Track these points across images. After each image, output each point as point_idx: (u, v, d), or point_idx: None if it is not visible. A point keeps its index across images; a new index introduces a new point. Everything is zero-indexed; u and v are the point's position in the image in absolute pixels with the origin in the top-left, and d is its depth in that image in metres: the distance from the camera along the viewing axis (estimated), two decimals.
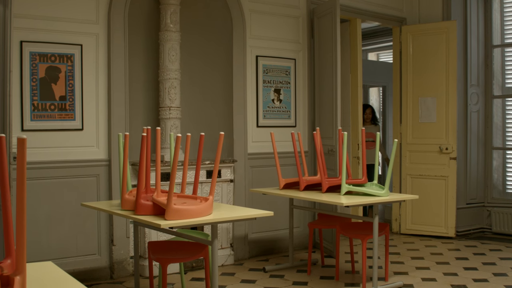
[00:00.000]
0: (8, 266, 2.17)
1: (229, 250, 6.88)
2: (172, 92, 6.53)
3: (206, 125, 6.92)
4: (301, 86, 7.64)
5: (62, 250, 5.96)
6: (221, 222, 4.51)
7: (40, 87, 5.85)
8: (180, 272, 5.59)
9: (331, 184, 5.86)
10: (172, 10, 6.54)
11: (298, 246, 7.46)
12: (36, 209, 5.75)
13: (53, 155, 5.92)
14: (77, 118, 6.05)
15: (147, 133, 4.45)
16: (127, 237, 6.27)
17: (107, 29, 6.22)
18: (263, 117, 7.29)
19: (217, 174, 4.55)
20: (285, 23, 7.52)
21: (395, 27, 8.72)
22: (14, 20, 5.30)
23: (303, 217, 7.58)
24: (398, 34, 8.68)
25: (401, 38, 8.62)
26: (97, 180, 6.15)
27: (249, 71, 7.19)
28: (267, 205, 6.81)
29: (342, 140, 5.74)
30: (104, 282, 6.08)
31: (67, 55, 6.01)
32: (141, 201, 4.30)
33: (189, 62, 6.99)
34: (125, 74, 6.27)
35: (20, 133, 5.68)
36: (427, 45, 8.38)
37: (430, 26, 8.39)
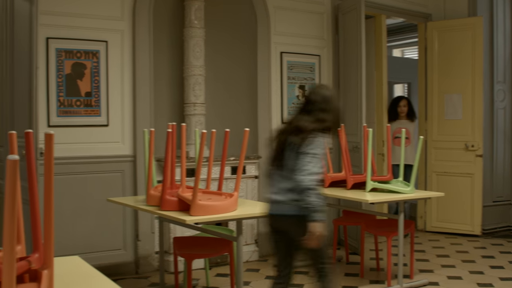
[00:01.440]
0: (35, 260, 2.19)
1: (254, 246, 6.87)
2: (196, 89, 6.54)
3: (230, 121, 6.91)
4: (326, 82, 7.60)
5: (87, 244, 6.00)
6: (246, 218, 4.51)
7: (66, 83, 5.89)
8: (205, 267, 5.61)
9: (356, 181, 5.84)
10: (197, 7, 6.55)
11: None
12: (62, 204, 5.78)
13: (79, 150, 5.96)
14: (103, 114, 6.08)
15: (172, 129, 4.46)
16: (152, 232, 6.30)
17: (132, 25, 6.24)
18: (288, 114, 7.27)
19: (242, 171, 4.54)
20: (310, 19, 7.49)
21: (420, 23, 8.65)
22: (40, 17, 5.32)
23: (327, 214, 7.52)
24: (423, 31, 8.61)
25: (426, 34, 8.55)
26: (122, 176, 6.18)
27: (274, 68, 7.17)
28: None
29: (367, 136, 5.71)
30: (129, 277, 6.11)
31: (93, 52, 6.04)
32: (167, 197, 4.31)
33: (214, 58, 6.99)
34: (150, 70, 6.29)
35: (47, 129, 5.72)
36: (453, 41, 8.31)
37: (456, 22, 8.31)
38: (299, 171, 3.58)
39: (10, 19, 5.48)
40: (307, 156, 3.60)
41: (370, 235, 7.70)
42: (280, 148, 3.83)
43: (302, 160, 3.58)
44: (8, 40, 5.51)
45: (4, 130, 5.53)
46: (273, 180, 3.85)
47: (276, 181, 3.81)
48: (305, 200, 3.53)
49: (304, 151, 3.62)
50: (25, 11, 5.20)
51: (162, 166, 6.00)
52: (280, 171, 3.77)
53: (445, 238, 8.07)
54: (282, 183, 3.75)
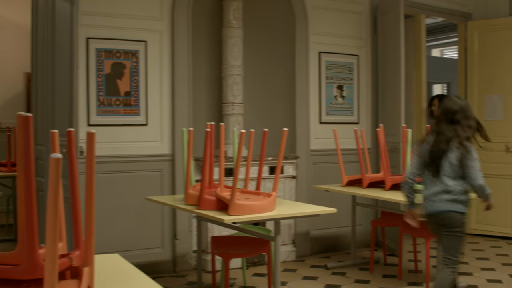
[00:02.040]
0: (77, 257, 2.21)
1: (291, 246, 6.86)
2: (235, 88, 6.55)
3: (268, 121, 6.91)
4: (364, 83, 7.57)
5: (126, 242, 6.06)
6: (285, 218, 4.51)
7: (106, 82, 5.95)
8: (242, 267, 5.62)
9: (394, 182, 5.79)
10: (235, 7, 6.56)
11: (360, 244, 7.39)
12: (101, 202, 5.84)
13: (118, 149, 6.01)
14: (142, 113, 6.13)
15: (211, 129, 4.47)
16: (190, 231, 6.33)
17: (171, 25, 6.27)
18: (326, 114, 7.24)
19: (280, 170, 4.55)
20: (348, 19, 7.46)
21: (460, 22, 8.54)
22: (81, 17, 5.38)
23: (365, 215, 7.51)
24: (463, 30, 8.50)
25: (466, 34, 8.44)
26: (160, 175, 6.22)
27: (312, 67, 7.15)
28: (329, 202, 6.76)
29: (406, 137, 5.66)
30: (166, 275, 6.15)
31: (132, 52, 6.09)
32: (205, 196, 4.33)
33: (252, 58, 7.00)
34: (188, 70, 6.32)
35: (87, 128, 5.79)
36: (494, 41, 8.18)
37: (497, 21, 8.18)
38: (473, 174, 4.24)
39: (51, 20, 5.55)
40: (473, 161, 4.26)
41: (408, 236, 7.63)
42: (437, 156, 4.33)
43: (471, 166, 4.25)
44: (50, 40, 5.58)
45: (45, 129, 5.60)
46: (427, 184, 4.44)
47: (430, 185, 4.40)
48: (484, 192, 4.30)
49: (469, 158, 4.25)
50: (66, 11, 5.26)
51: (200, 165, 6.02)
52: (436, 177, 4.35)
53: (485, 240, 7.96)
54: (435, 187, 4.35)
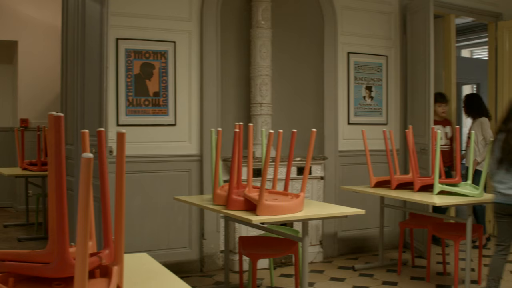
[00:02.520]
0: (106, 256, 2.23)
1: (318, 247, 6.85)
2: (263, 89, 6.56)
3: (296, 121, 6.90)
4: (393, 83, 7.53)
5: (154, 242, 6.09)
6: (313, 219, 4.50)
7: (135, 83, 5.99)
8: (269, 267, 5.62)
9: (423, 183, 5.75)
10: (264, 7, 6.56)
11: (388, 245, 7.35)
12: (130, 202, 5.88)
13: (147, 149, 6.05)
14: (170, 114, 6.16)
15: (239, 129, 4.48)
16: (218, 231, 6.34)
17: (199, 26, 6.30)
18: (354, 114, 7.22)
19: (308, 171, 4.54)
20: (377, 19, 7.42)
21: (490, 22, 8.45)
22: (110, 18, 5.41)
23: (393, 216, 7.47)
24: (493, 30, 8.41)
25: (496, 34, 8.36)
26: (189, 175, 6.24)
27: (341, 68, 7.13)
28: (357, 203, 6.73)
29: (435, 138, 5.62)
30: (194, 275, 6.17)
31: (161, 52, 6.12)
32: (233, 196, 4.33)
33: (280, 59, 7.00)
34: (217, 71, 6.34)
35: (116, 128, 5.83)
36: None
37: None
38: None
39: (81, 21, 5.60)
40: None
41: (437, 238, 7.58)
42: (510, 152, 4.77)
43: None
44: (79, 41, 5.63)
45: (75, 129, 5.65)
46: (502, 178, 4.83)
47: (504, 179, 4.81)
48: None
49: None
50: (96, 12, 5.30)
51: (228, 165, 6.05)
52: (510, 171, 4.77)
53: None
54: (510, 181, 4.78)
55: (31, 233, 8.40)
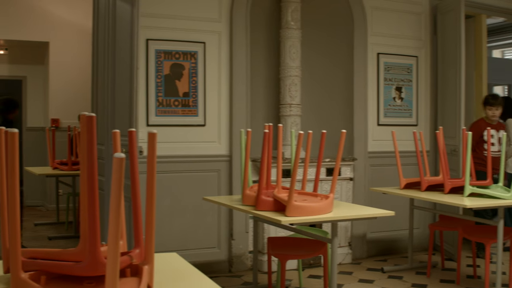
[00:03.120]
0: (137, 256, 2.24)
1: (347, 248, 6.82)
2: (292, 89, 6.55)
3: (325, 122, 6.88)
4: (423, 84, 7.47)
5: (183, 241, 6.12)
6: (342, 220, 4.48)
7: (165, 83, 6.02)
8: (298, 268, 5.60)
9: (454, 185, 5.69)
10: (293, 8, 6.56)
11: (417, 247, 7.30)
12: (159, 202, 5.91)
13: (176, 149, 6.07)
14: (200, 114, 6.18)
15: (269, 130, 4.48)
16: (246, 232, 6.35)
17: (229, 26, 6.31)
18: (384, 115, 7.18)
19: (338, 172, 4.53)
20: (407, 20, 7.37)
21: None
22: (141, 19, 5.45)
23: (423, 218, 7.41)
24: None
25: None
26: (218, 175, 6.26)
27: (370, 69, 7.10)
28: (387, 204, 6.68)
29: (466, 140, 5.57)
30: (222, 275, 6.19)
31: (191, 53, 6.14)
32: (262, 197, 4.33)
33: (310, 59, 6.98)
34: (246, 71, 6.35)
35: (146, 128, 5.87)
36: None
37: None
38: None
39: (112, 21, 5.64)
40: None
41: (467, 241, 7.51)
42: None
43: None
44: (110, 42, 5.67)
45: (105, 129, 5.69)
46: None
47: None
48: None
49: None
50: (127, 13, 5.33)
51: (257, 166, 6.05)
52: None
53: None
54: None
55: (61, 232, 8.48)
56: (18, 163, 1.98)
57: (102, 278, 2.04)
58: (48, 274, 2.13)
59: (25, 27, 10.29)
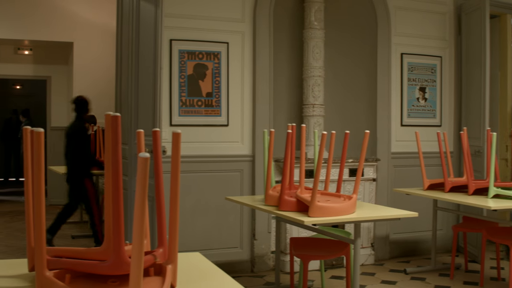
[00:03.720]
0: (160, 255, 2.25)
1: (370, 249, 6.80)
2: (315, 90, 6.54)
3: (348, 122, 6.87)
4: (447, 85, 7.42)
5: (205, 241, 6.13)
6: (365, 221, 4.47)
7: (188, 83, 6.04)
8: (320, 269, 5.59)
9: (478, 187, 5.65)
10: (317, 8, 6.55)
11: (440, 249, 7.25)
12: (182, 201, 5.93)
13: (199, 149, 6.09)
14: (223, 114, 6.19)
15: (292, 130, 4.47)
16: (269, 232, 6.35)
17: (252, 27, 6.32)
18: (408, 116, 7.14)
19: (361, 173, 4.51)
20: (431, 20, 7.33)
21: None
22: (165, 19, 5.47)
23: (446, 220, 7.37)
24: None
25: None
26: (241, 175, 6.27)
27: (394, 69, 7.07)
28: (410, 205, 6.65)
29: (491, 141, 5.52)
30: (245, 275, 6.19)
31: (214, 53, 6.16)
32: (285, 197, 4.33)
33: (333, 60, 6.97)
34: (269, 71, 6.35)
35: (169, 128, 5.89)
36: None
37: None
38: None
39: (136, 22, 5.66)
40: None
41: (491, 242, 7.45)
42: None
43: None
44: (134, 42, 5.69)
45: (128, 129, 5.72)
46: None
47: None
48: None
49: None
50: (150, 14, 5.36)
51: (280, 166, 6.05)
52: None
53: None
54: None
55: (84, 231, 8.53)
56: (44, 162, 1.99)
57: (126, 277, 2.05)
58: (72, 272, 2.15)
59: (49, 27, 10.38)
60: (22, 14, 10.21)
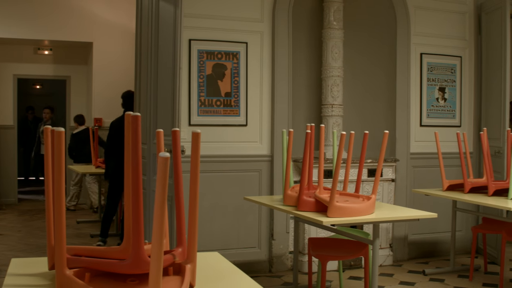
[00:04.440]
0: (179, 254, 2.25)
1: (388, 250, 6.77)
2: (334, 90, 6.53)
3: (367, 122, 6.84)
4: (467, 85, 7.38)
5: (223, 241, 6.14)
6: (384, 222, 4.46)
7: (207, 83, 6.05)
8: (338, 269, 5.58)
9: (498, 188, 5.61)
10: (336, 8, 6.53)
11: (459, 250, 7.20)
12: (200, 201, 5.93)
13: (218, 149, 6.10)
14: (242, 114, 6.19)
15: (311, 130, 4.47)
16: (287, 232, 6.34)
17: (271, 27, 6.32)
18: (427, 116, 7.10)
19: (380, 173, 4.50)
20: (451, 19, 7.28)
21: None
22: (184, 19, 5.48)
23: (465, 221, 7.32)
24: None
25: None
26: (259, 175, 6.27)
27: (413, 69, 7.03)
28: (428, 206, 6.63)
29: (511, 141, 5.48)
30: (262, 275, 6.19)
31: (233, 53, 6.16)
32: (304, 198, 4.32)
33: (352, 59, 6.95)
34: (288, 71, 6.34)
35: (188, 127, 5.91)
36: None
37: None
38: None
39: (155, 22, 5.68)
40: None
41: (511, 244, 7.40)
42: None
43: None
44: (153, 42, 5.71)
45: (147, 129, 5.74)
46: None
47: None
48: None
49: None
50: (170, 14, 5.37)
51: (298, 166, 6.04)
52: None
53: None
54: None
55: None
56: (64, 161, 2.00)
57: (145, 276, 2.06)
58: (92, 271, 2.16)
59: (69, 27, 10.45)
60: (41, 14, 10.28)
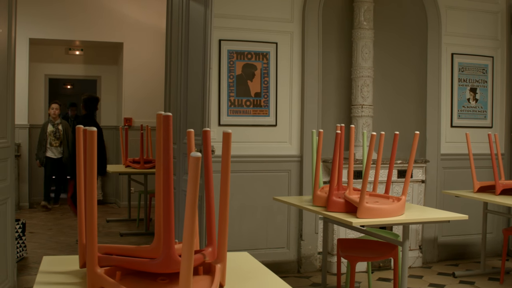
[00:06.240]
0: (209, 254, 2.26)
1: (418, 252, 6.73)
2: (364, 90, 6.50)
3: (397, 123, 6.81)
4: (499, 85, 7.30)
5: (252, 241, 6.15)
6: (414, 223, 4.42)
7: (237, 83, 6.06)
8: (367, 271, 5.55)
9: None
10: (366, 8, 6.51)
11: (490, 252, 7.13)
12: (230, 201, 5.92)
13: (247, 149, 6.11)
14: (271, 114, 6.20)
15: (341, 131, 4.46)
16: (316, 232, 6.33)
17: (301, 27, 6.31)
18: (458, 117, 7.04)
19: None
20: (483, 19, 7.21)
21: None
22: (214, 19, 5.50)
23: (496, 223, 7.24)
24: None
25: None
26: (288, 176, 6.26)
27: (444, 69, 6.97)
28: (459, 208, 6.58)
29: None
30: (291, 275, 6.19)
31: (263, 53, 6.17)
32: (333, 198, 4.31)
33: (382, 60, 6.91)
34: (318, 72, 6.33)
35: (217, 127, 5.93)
36: None
37: None
38: None
39: (186, 22, 5.70)
40: None
41: None
42: None
43: None
44: (183, 42, 5.74)
45: (176, 128, 5.76)
46: None
47: None
48: None
49: None
50: (200, 14, 5.39)
51: (328, 167, 6.03)
52: None
53: None
54: None
55: (132, 229, 8.64)
56: (96, 161, 2.02)
57: (175, 275, 2.07)
58: (123, 270, 2.18)
59: (100, 28, 10.53)
60: (72, 15, 10.38)
